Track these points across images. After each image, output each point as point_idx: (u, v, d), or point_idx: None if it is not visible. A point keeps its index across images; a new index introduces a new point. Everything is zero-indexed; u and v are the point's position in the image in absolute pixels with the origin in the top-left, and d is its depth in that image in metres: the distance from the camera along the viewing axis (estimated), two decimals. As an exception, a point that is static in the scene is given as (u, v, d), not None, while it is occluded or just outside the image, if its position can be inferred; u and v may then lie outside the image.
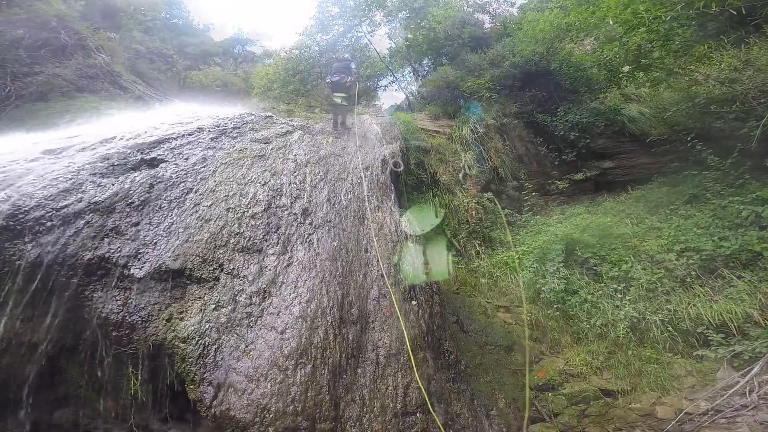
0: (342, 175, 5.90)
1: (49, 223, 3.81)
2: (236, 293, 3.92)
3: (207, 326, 3.64)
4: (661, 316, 4.74)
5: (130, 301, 3.70)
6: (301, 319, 3.73)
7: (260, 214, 4.76)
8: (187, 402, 3.40)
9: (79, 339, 3.57)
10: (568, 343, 5.15)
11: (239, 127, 6.80)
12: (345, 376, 3.53)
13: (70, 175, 4.42)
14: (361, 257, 4.63)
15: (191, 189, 4.95)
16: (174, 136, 5.93)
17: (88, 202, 4.18)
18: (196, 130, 6.30)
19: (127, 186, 4.61)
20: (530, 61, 9.46)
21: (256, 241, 4.45)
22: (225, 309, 3.78)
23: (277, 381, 3.31)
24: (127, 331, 3.58)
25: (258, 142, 6.41)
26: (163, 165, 5.23)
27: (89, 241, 3.88)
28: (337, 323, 3.80)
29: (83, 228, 3.94)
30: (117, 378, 3.54)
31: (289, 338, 3.58)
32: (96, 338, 3.57)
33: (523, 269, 6.32)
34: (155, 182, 4.83)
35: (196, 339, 3.55)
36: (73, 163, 4.69)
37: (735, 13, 5.15)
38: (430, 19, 12.40)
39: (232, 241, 4.36)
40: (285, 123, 7.71)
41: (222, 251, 4.24)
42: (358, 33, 14.32)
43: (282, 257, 4.35)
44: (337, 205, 5.24)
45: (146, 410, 3.54)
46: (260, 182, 5.29)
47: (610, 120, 8.60)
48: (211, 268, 4.08)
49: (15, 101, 8.78)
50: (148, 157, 5.29)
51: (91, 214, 4.09)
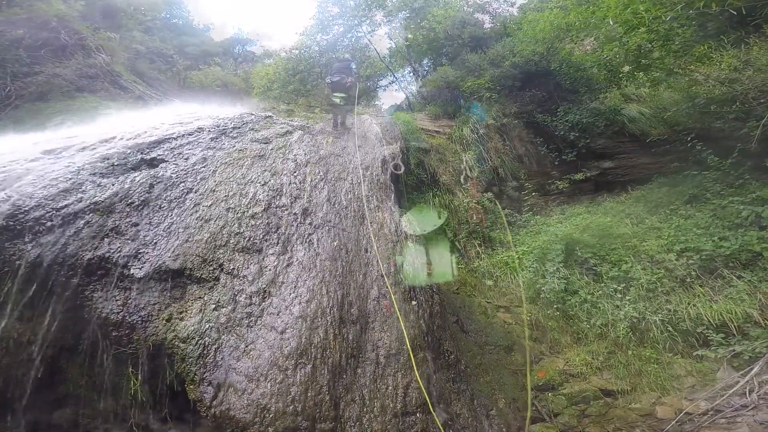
0: (342, 175, 5.90)
1: (49, 223, 3.81)
2: (236, 293, 3.92)
3: (207, 326, 3.64)
4: (661, 316, 4.73)
5: (130, 301, 3.70)
6: (301, 319, 3.73)
7: (260, 214, 4.76)
8: (187, 402, 3.40)
9: (79, 339, 3.57)
10: (568, 343, 5.15)
11: (239, 127, 6.80)
12: (345, 376, 3.53)
13: (70, 175, 4.43)
14: (361, 257, 4.63)
15: (191, 189, 4.95)
16: (174, 136, 5.93)
17: (88, 202, 4.18)
18: (196, 130, 6.30)
19: (127, 186, 4.62)
20: (530, 61, 9.45)
21: (256, 241, 4.45)
22: (225, 309, 3.78)
23: (277, 381, 3.31)
24: (127, 331, 3.58)
25: (258, 142, 6.41)
26: (163, 165, 5.24)
27: (89, 241, 3.88)
28: (337, 323, 3.80)
29: (83, 228, 3.94)
30: (117, 378, 3.54)
31: (289, 338, 3.58)
32: (96, 338, 3.57)
33: (523, 269, 6.31)
34: (155, 182, 4.84)
35: (196, 339, 3.55)
36: (73, 163, 4.69)
37: (735, 13, 5.15)
38: (430, 19, 12.40)
39: (232, 241, 4.36)
40: (285, 123, 7.70)
41: (222, 251, 4.24)
42: (358, 33, 14.31)
43: (282, 257, 4.35)
44: (337, 205, 5.24)
45: (146, 410, 3.54)
46: (260, 182, 5.29)
47: (610, 120, 8.59)
48: (211, 268, 4.08)
49: (15, 101, 8.78)
50: (148, 157, 5.29)
51: (91, 214, 4.09)
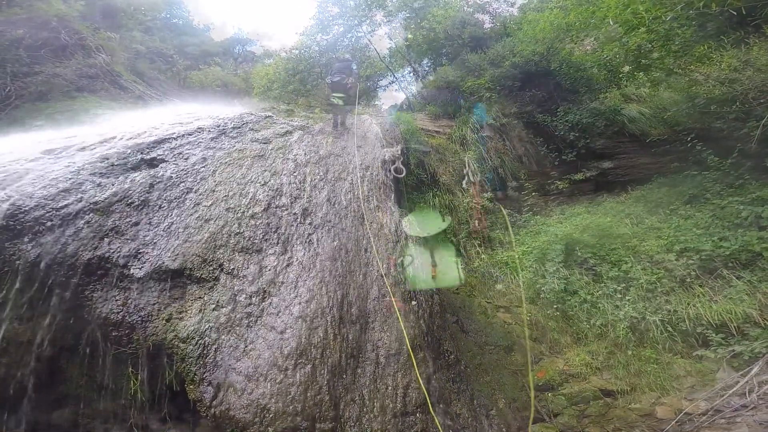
0: (342, 175, 5.90)
1: (49, 223, 3.81)
2: (236, 293, 3.92)
3: (207, 326, 3.64)
4: (660, 316, 4.73)
5: (129, 301, 3.70)
6: (300, 319, 3.73)
7: (260, 214, 4.76)
8: (187, 402, 3.40)
9: (78, 339, 3.57)
10: (568, 344, 5.14)
11: (239, 127, 6.80)
12: (345, 376, 3.53)
13: (70, 175, 4.42)
14: (361, 257, 4.63)
15: (191, 189, 4.95)
16: (174, 136, 5.93)
17: (88, 202, 4.18)
18: (196, 130, 6.30)
19: (127, 186, 4.62)
20: (530, 61, 9.44)
21: (256, 241, 4.45)
22: (225, 309, 3.78)
23: (277, 381, 3.31)
24: (127, 331, 3.58)
25: (258, 142, 6.41)
26: (163, 165, 5.24)
27: (89, 241, 3.88)
28: (336, 323, 3.80)
29: (83, 228, 3.95)
30: (117, 378, 3.54)
31: (288, 338, 3.58)
32: (96, 338, 3.57)
33: (523, 269, 6.31)
34: (155, 182, 4.84)
35: (196, 339, 3.55)
36: (73, 163, 4.69)
37: (735, 13, 5.15)
38: (430, 19, 12.40)
39: (231, 241, 4.36)
40: (285, 123, 7.70)
41: (222, 251, 4.24)
42: (358, 33, 14.31)
43: (282, 257, 4.35)
44: (336, 205, 5.24)
45: (145, 410, 3.55)
46: (260, 182, 5.29)
47: (610, 120, 8.58)
48: (211, 268, 4.08)
49: (15, 101, 8.78)
50: (148, 157, 5.29)
51: (91, 214, 4.09)
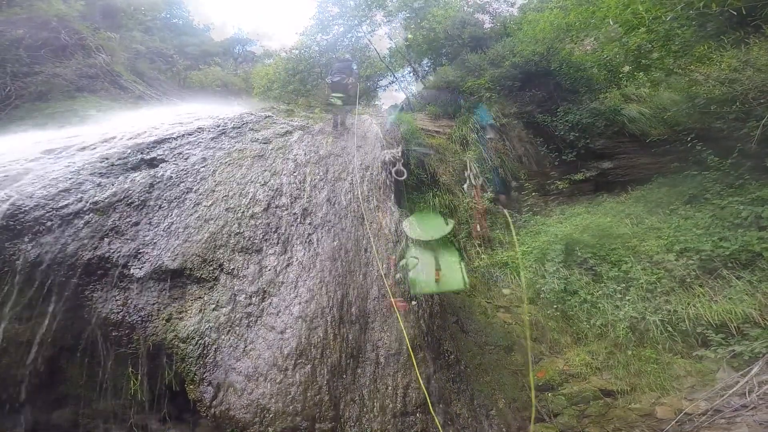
0: (342, 175, 5.90)
1: (49, 223, 3.81)
2: (236, 293, 3.92)
3: (206, 326, 3.64)
4: (660, 316, 4.73)
5: (129, 301, 3.70)
6: (300, 319, 3.73)
7: (260, 214, 4.76)
8: (187, 402, 3.40)
9: (78, 339, 3.57)
10: (568, 344, 5.14)
11: (239, 127, 6.79)
12: (345, 376, 3.53)
13: (70, 175, 4.43)
14: (361, 257, 4.63)
15: (191, 189, 4.95)
16: (174, 135, 5.93)
17: (88, 202, 4.19)
18: (196, 130, 6.30)
19: (127, 186, 4.62)
20: (530, 61, 9.43)
21: (256, 241, 4.45)
22: (224, 309, 3.78)
23: (277, 381, 3.31)
24: (127, 331, 3.58)
25: (258, 142, 6.41)
26: (163, 165, 5.24)
27: (89, 241, 3.88)
28: (336, 323, 3.80)
29: (83, 228, 3.95)
30: (117, 378, 3.54)
31: (288, 338, 3.58)
32: (96, 338, 3.58)
33: (523, 269, 6.31)
34: (155, 182, 4.84)
35: (196, 339, 3.55)
36: (73, 163, 4.69)
37: (735, 13, 5.15)
38: (430, 19, 12.39)
39: (231, 241, 4.36)
40: (285, 123, 7.69)
41: (222, 251, 4.24)
42: (358, 33, 14.30)
43: (282, 257, 4.35)
44: (336, 205, 5.24)
45: (145, 410, 3.55)
46: (260, 182, 5.29)
47: (610, 120, 8.57)
48: (211, 268, 4.08)
49: (15, 101, 8.78)
50: (148, 156, 5.29)
51: (91, 214, 4.10)
